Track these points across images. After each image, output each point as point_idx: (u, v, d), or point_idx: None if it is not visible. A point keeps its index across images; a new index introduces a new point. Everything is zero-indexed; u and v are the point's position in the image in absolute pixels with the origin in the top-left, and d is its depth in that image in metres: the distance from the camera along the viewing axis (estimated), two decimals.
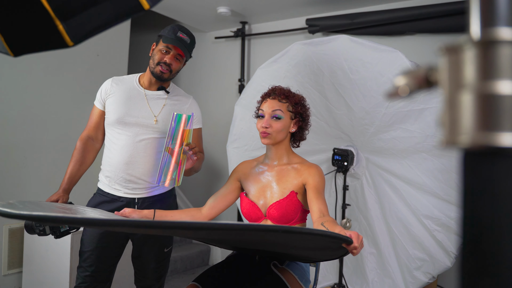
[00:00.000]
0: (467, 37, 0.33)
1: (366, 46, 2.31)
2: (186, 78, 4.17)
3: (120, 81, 1.86)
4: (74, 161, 1.83)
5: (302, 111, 1.59)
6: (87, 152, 1.85)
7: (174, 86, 1.93)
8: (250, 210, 1.57)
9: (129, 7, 0.70)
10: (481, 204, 0.32)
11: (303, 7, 3.23)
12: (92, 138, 1.87)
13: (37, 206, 1.28)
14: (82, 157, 1.84)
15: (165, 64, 1.77)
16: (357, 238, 1.15)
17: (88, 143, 1.86)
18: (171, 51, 1.77)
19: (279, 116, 1.55)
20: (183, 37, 1.77)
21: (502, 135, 0.31)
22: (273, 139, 1.56)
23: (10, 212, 0.85)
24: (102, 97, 1.84)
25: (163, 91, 1.85)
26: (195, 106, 1.93)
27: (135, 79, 1.88)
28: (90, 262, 1.77)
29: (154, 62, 1.79)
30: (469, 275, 0.33)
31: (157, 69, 1.78)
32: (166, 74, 1.79)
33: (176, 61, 1.80)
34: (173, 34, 1.76)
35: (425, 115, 2.14)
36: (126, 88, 1.83)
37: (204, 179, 4.00)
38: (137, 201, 1.79)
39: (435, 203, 2.18)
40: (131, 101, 1.79)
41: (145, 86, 1.85)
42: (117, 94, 1.81)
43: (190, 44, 1.81)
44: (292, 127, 1.59)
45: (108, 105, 1.82)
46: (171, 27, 1.79)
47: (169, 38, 1.75)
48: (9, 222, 2.73)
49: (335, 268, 2.56)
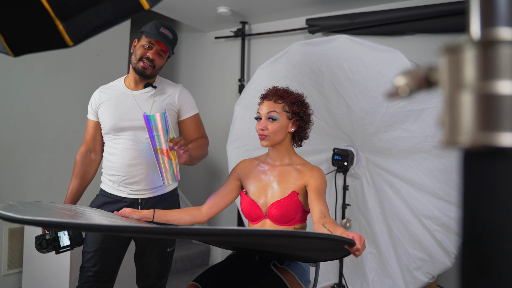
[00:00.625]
0: (467, 37, 0.33)
1: (366, 46, 2.31)
2: (186, 78, 4.17)
3: (107, 89, 1.85)
4: (75, 175, 1.83)
5: (299, 109, 1.57)
6: (87, 166, 1.85)
7: (160, 79, 1.90)
8: (250, 208, 1.57)
9: (129, 7, 0.70)
10: (481, 204, 0.32)
11: (303, 7, 3.23)
12: (91, 150, 1.87)
13: (38, 207, 1.28)
14: (83, 171, 1.84)
15: (147, 60, 1.74)
16: (359, 240, 1.14)
17: (87, 157, 1.86)
18: (154, 47, 1.75)
19: (274, 117, 1.55)
20: (166, 32, 1.74)
21: (502, 135, 0.31)
22: (271, 141, 1.56)
23: (13, 216, 0.85)
24: (93, 108, 1.84)
25: (150, 87, 1.82)
26: (185, 94, 1.88)
27: (121, 83, 1.86)
28: (93, 263, 1.77)
29: (136, 57, 1.76)
30: (469, 275, 0.33)
31: (139, 65, 1.75)
32: (148, 70, 1.76)
33: (159, 57, 1.77)
34: (156, 29, 1.73)
35: (425, 115, 2.14)
36: (114, 94, 1.82)
37: (204, 179, 4.00)
38: (140, 202, 1.79)
39: (435, 203, 2.18)
40: (121, 106, 1.78)
41: (132, 87, 1.82)
42: (107, 102, 1.80)
43: (173, 40, 1.79)
44: (290, 127, 1.58)
45: (100, 114, 1.81)
46: (153, 23, 1.77)
47: (151, 34, 1.72)
48: (9, 222, 2.72)
49: (335, 268, 2.56)
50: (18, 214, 0.86)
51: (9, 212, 0.87)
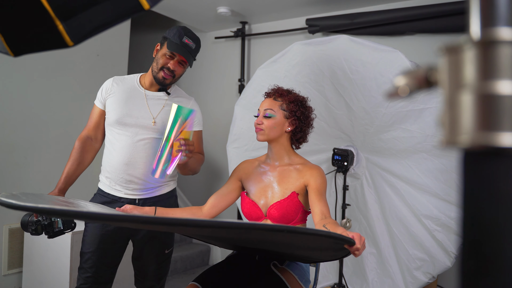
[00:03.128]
0: (467, 37, 0.33)
1: (366, 46, 2.31)
2: (186, 78, 4.17)
3: (121, 81, 1.84)
4: (72, 160, 1.81)
5: (296, 109, 1.58)
6: (86, 152, 1.84)
7: (176, 87, 1.91)
8: (251, 209, 1.57)
9: (129, 7, 0.70)
10: (481, 204, 0.32)
11: (303, 7, 3.23)
12: (91, 138, 1.86)
13: (40, 198, 1.28)
14: (80, 157, 1.82)
15: (168, 70, 1.75)
16: (359, 240, 1.14)
17: (87, 143, 1.84)
18: (176, 57, 1.75)
19: (270, 114, 1.57)
20: (189, 42, 1.73)
21: (502, 135, 0.31)
22: (266, 135, 1.57)
23: (16, 203, 0.85)
24: (102, 96, 1.82)
25: (164, 92, 1.83)
26: (196, 109, 1.90)
27: (136, 79, 1.86)
28: (91, 264, 1.77)
29: (157, 66, 1.76)
30: (469, 275, 0.33)
31: (160, 75, 1.76)
32: (168, 80, 1.77)
33: (180, 67, 1.78)
34: (179, 39, 1.72)
35: (425, 115, 2.14)
36: (126, 88, 1.81)
37: (204, 179, 4.00)
38: (137, 202, 1.78)
39: (435, 203, 2.18)
40: (131, 102, 1.78)
41: (146, 87, 1.83)
42: (118, 94, 1.80)
43: (195, 49, 1.78)
44: (287, 126, 1.58)
45: (108, 105, 1.80)
46: (177, 30, 1.74)
47: (174, 44, 1.71)
48: (9, 222, 2.73)
49: (335, 268, 2.56)
50: (21, 202, 0.87)
51: (12, 200, 0.87)
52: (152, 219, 1.00)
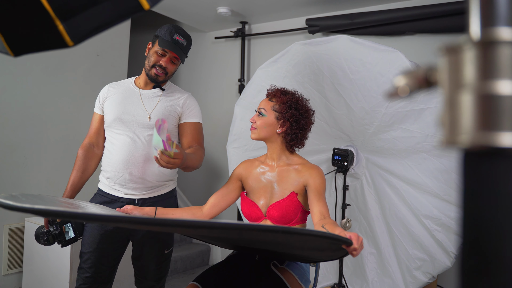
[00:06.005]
0: (467, 37, 0.33)
1: (366, 46, 2.31)
2: (186, 78, 4.17)
3: (117, 85, 1.89)
4: (76, 169, 1.84)
5: (286, 111, 1.55)
6: (89, 160, 1.86)
7: (170, 84, 1.93)
8: (250, 210, 1.58)
9: (129, 7, 0.69)
10: (481, 204, 0.32)
11: (303, 7, 3.23)
12: (93, 144, 1.88)
13: (40, 199, 1.28)
14: (84, 165, 1.85)
15: (160, 67, 1.77)
16: (357, 240, 1.14)
17: (89, 151, 1.87)
18: (167, 54, 1.77)
19: (261, 113, 1.59)
20: (180, 39, 1.76)
21: (502, 135, 0.31)
22: (257, 134, 1.59)
23: (12, 204, 0.85)
24: (100, 102, 1.87)
25: (158, 88, 1.85)
26: (191, 100, 1.89)
27: (131, 81, 1.90)
28: (91, 264, 1.77)
29: (149, 63, 1.79)
30: (469, 275, 0.33)
31: (152, 72, 1.78)
32: (161, 77, 1.80)
33: (172, 64, 1.80)
34: (170, 36, 1.75)
35: (425, 115, 2.14)
36: (122, 90, 1.85)
37: (204, 179, 4.00)
38: (137, 202, 1.79)
39: (435, 203, 2.18)
40: (127, 101, 1.81)
41: (141, 86, 1.86)
42: (114, 96, 1.84)
43: (186, 46, 1.80)
44: (278, 127, 1.57)
45: (106, 107, 1.84)
46: (168, 28, 1.78)
47: (165, 41, 1.74)
48: (9, 222, 2.73)
49: (335, 268, 2.56)
50: (18, 203, 0.86)
51: (10, 201, 0.86)
52: (152, 220, 1.00)
